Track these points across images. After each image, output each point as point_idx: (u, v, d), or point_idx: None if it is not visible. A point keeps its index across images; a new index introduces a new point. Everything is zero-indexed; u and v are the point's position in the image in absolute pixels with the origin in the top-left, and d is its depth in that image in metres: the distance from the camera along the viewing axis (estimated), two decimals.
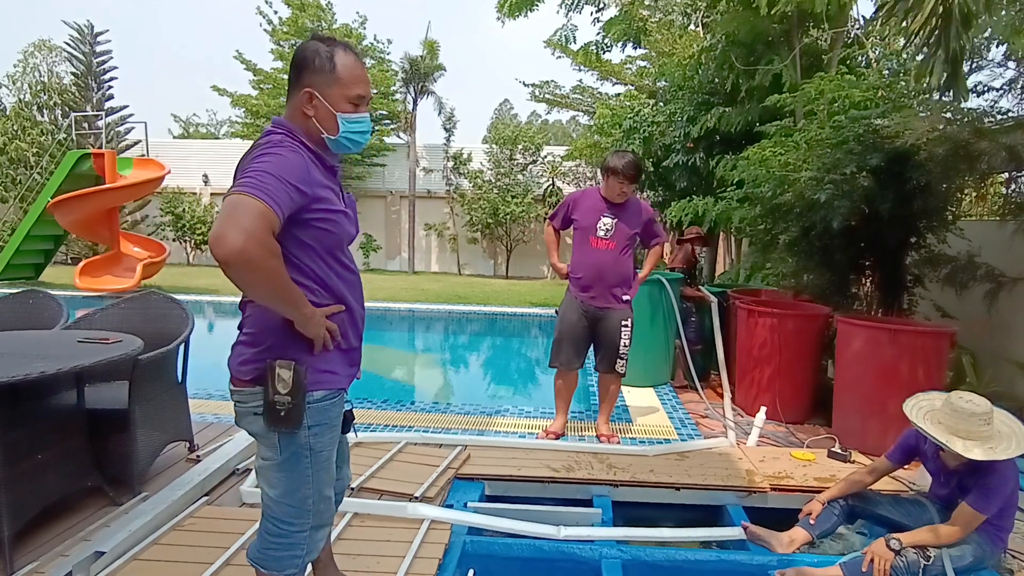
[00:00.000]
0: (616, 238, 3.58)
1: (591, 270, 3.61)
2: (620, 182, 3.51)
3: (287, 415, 1.55)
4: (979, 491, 2.41)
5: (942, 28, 2.88)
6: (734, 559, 2.64)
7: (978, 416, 2.39)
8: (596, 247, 3.59)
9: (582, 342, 3.75)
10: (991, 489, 2.39)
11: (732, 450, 3.72)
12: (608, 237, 3.58)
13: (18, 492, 2.31)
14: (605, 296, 3.63)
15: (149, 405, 2.93)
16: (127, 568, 2.28)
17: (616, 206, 3.60)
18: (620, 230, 3.58)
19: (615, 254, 3.59)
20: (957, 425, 2.40)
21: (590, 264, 3.62)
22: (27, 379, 2.15)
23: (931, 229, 4.38)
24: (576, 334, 3.71)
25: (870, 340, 3.98)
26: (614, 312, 3.65)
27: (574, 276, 3.71)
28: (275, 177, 1.46)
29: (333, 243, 1.66)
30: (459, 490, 3.12)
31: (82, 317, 3.41)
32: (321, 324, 1.59)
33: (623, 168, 3.49)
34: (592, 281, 3.62)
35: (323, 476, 1.73)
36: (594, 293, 3.63)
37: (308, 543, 1.76)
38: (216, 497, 2.93)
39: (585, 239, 3.63)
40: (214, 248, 1.36)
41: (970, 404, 2.42)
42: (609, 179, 3.55)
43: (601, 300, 3.63)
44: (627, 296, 3.69)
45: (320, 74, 1.61)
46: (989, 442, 2.38)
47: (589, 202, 3.67)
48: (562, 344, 3.74)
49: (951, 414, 2.43)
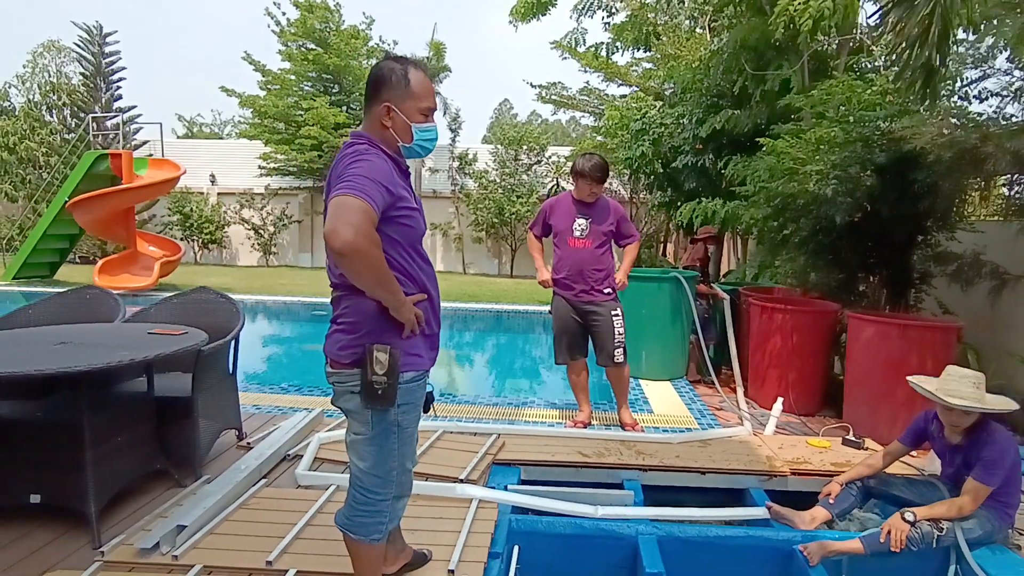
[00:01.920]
0: (591, 236, 3.84)
1: (572, 267, 3.85)
2: (588, 183, 3.78)
3: (383, 394, 1.75)
4: (981, 465, 2.64)
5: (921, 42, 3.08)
6: (761, 535, 2.83)
7: (968, 378, 2.72)
8: (574, 246, 3.84)
9: (578, 335, 3.97)
10: (992, 461, 2.62)
11: (751, 438, 3.92)
12: (584, 236, 3.83)
13: (102, 471, 2.50)
14: (588, 291, 3.84)
15: (208, 394, 3.12)
16: (205, 541, 2.47)
17: (588, 207, 3.86)
18: (593, 229, 3.84)
19: (592, 251, 3.83)
20: (947, 385, 2.74)
21: (570, 262, 3.85)
22: (118, 366, 2.34)
23: (939, 228, 4.58)
24: (570, 328, 3.93)
25: (880, 334, 4.18)
26: (601, 306, 3.85)
27: (556, 276, 3.93)
28: (370, 179, 1.67)
29: (414, 237, 1.87)
30: (498, 474, 3.31)
31: (138, 312, 3.60)
32: (411, 309, 1.80)
33: (590, 170, 3.76)
34: (574, 277, 3.85)
35: (407, 450, 1.93)
36: (578, 289, 3.85)
37: (391, 511, 1.96)
38: (273, 480, 3.12)
39: (563, 241, 3.88)
40: (330, 241, 1.56)
41: (962, 369, 2.79)
42: (579, 181, 3.82)
43: (585, 295, 3.85)
44: (610, 289, 3.89)
45: (397, 90, 1.82)
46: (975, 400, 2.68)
47: (563, 207, 3.93)
48: (561, 340, 3.98)
49: (944, 378, 2.79)
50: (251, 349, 8.32)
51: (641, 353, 5.53)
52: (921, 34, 3.21)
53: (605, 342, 3.87)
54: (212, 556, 2.37)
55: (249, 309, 10.73)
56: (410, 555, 2.30)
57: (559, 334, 3.97)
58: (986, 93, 4.18)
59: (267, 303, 11.03)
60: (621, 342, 3.87)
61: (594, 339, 3.94)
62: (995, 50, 3.94)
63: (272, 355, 8.49)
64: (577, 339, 3.97)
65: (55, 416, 2.60)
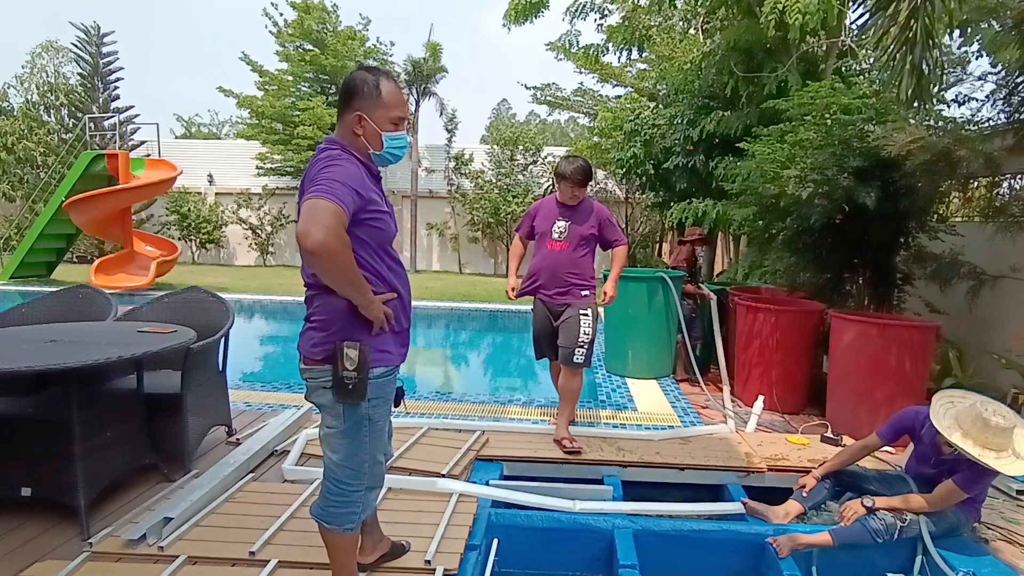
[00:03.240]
0: (569, 239, 3.76)
1: (546, 270, 3.79)
2: (570, 186, 3.73)
3: (354, 389, 1.82)
4: (969, 474, 2.64)
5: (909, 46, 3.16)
6: (734, 529, 2.91)
7: (1005, 430, 2.55)
8: (551, 248, 3.79)
9: (554, 336, 3.83)
10: (982, 474, 2.64)
11: (732, 435, 3.99)
12: (562, 239, 3.77)
13: (91, 465, 2.57)
14: (563, 293, 3.76)
15: (197, 391, 3.19)
16: (191, 532, 2.54)
17: (570, 209, 3.80)
18: (573, 231, 3.76)
19: (568, 253, 3.76)
20: (984, 436, 2.56)
21: (544, 265, 3.80)
22: (106, 363, 2.41)
23: (919, 229, 4.66)
24: (548, 330, 3.85)
25: (861, 334, 4.26)
26: (572, 306, 3.74)
27: (532, 281, 3.86)
28: (341, 183, 1.75)
29: (383, 239, 1.94)
30: (480, 470, 3.39)
31: (130, 311, 3.67)
32: (380, 308, 1.87)
33: (571, 173, 3.72)
34: (547, 280, 3.79)
35: (377, 443, 2.01)
36: (552, 291, 3.78)
37: (364, 501, 2.03)
38: (260, 474, 3.20)
39: (542, 243, 3.84)
40: (301, 241, 1.64)
41: (998, 418, 2.55)
42: (561, 184, 3.78)
43: (559, 297, 3.76)
44: (586, 292, 3.76)
45: (368, 100, 1.90)
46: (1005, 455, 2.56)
47: (546, 209, 3.89)
48: (539, 343, 3.96)
49: (981, 427, 2.56)
50: (247, 347, 8.40)
51: (627, 352, 5.62)
52: (906, 37, 3.28)
53: (567, 339, 3.70)
54: (197, 547, 2.44)
55: (246, 308, 10.82)
56: (388, 546, 2.37)
57: (537, 336, 3.95)
58: (964, 97, 4.25)
59: (264, 303, 11.11)
60: (585, 343, 3.69)
61: (558, 336, 3.78)
62: (970, 55, 4.01)
63: (267, 353, 8.56)
64: (554, 342, 3.85)
65: (45, 412, 2.66)
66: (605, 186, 17.13)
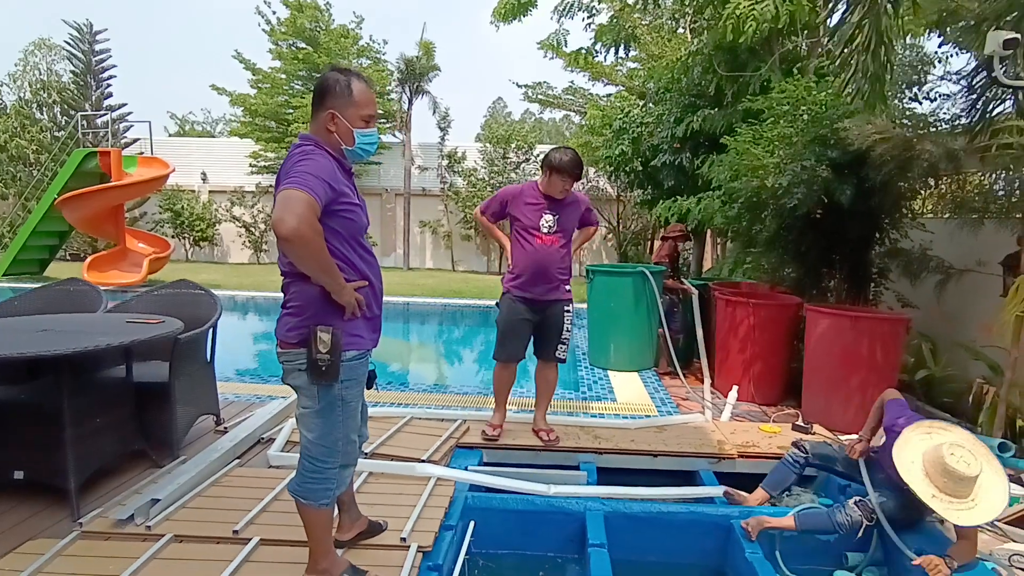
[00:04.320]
0: (559, 233, 3.58)
1: (536, 266, 3.56)
2: (564, 179, 3.49)
3: (327, 370, 1.94)
4: None
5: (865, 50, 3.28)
6: (701, 511, 3.03)
7: (963, 479, 2.40)
8: (542, 243, 3.56)
9: (526, 336, 3.70)
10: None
11: (706, 424, 4.12)
12: (552, 233, 3.56)
13: (81, 450, 2.67)
14: (551, 289, 3.60)
15: (185, 380, 3.30)
16: (178, 513, 2.66)
17: (557, 202, 3.57)
18: (562, 226, 3.58)
19: (558, 249, 3.58)
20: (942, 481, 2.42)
21: (535, 261, 3.56)
22: (95, 350, 2.52)
23: (891, 225, 4.80)
24: (523, 330, 3.65)
25: (834, 326, 4.40)
26: (558, 302, 3.64)
27: (514, 276, 3.63)
28: (313, 176, 1.87)
29: (355, 230, 2.06)
30: (460, 457, 3.51)
31: (119, 304, 3.77)
32: (352, 294, 1.99)
33: (568, 166, 3.47)
34: (537, 278, 3.57)
35: (351, 423, 2.13)
36: (541, 288, 3.58)
37: (338, 478, 2.15)
38: (246, 461, 3.31)
39: (529, 236, 3.57)
40: (276, 229, 1.76)
41: (962, 466, 2.40)
42: (552, 176, 3.50)
43: (548, 294, 3.60)
44: (568, 287, 3.68)
45: (340, 99, 2.02)
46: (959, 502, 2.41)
47: (529, 199, 3.60)
48: (508, 339, 3.67)
49: (941, 470, 2.42)
50: (239, 341, 8.51)
51: (609, 345, 5.74)
52: (862, 43, 3.41)
53: (552, 337, 3.65)
54: (183, 527, 2.55)
55: (239, 305, 10.91)
56: (365, 524, 2.49)
57: (507, 335, 3.67)
58: (935, 95, 4.38)
59: (257, 299, 11.20)
60: (567, 339, 3.68)
61: (542, 333, 3.67)
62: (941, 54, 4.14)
63: (257, 348, 8.66)
64: (525, 342, 3.71)
65: (38, 398, 2.77)
66: (597, 183, 17.25)
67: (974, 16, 3.42)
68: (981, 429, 3.92)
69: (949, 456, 2.41)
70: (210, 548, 2.43)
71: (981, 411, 3.96)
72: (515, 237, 3.67)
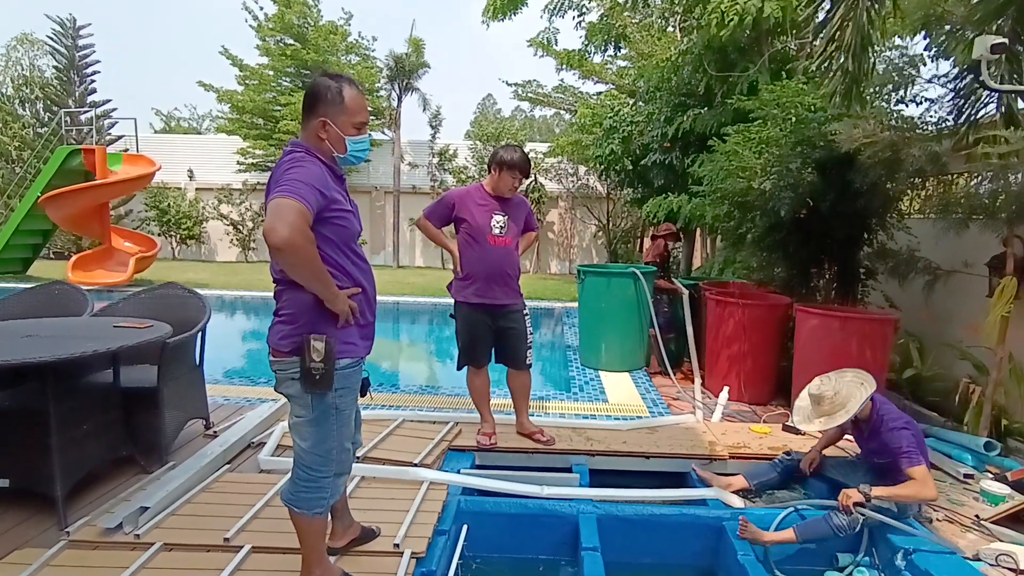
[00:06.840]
0: (510, 233, 3.51)
1: (491, 269, 3.47)
2: (515, 177, 3.44)
3: (321, 379, 1.92)
4: (898, 455, 2.81)
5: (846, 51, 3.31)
6: (693, 513, 3.05)
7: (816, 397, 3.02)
8: (494, 245, 3.46)
9: (490, 341, 3.63)
10: (898, 447, 2.81)
11: (697, 425, 4.14)
12: (503, 234, 3.48)
13: (68, 456, 2.64)
14: (506, 292, 3.53)
15: (174, 385, 3.26)
16: (167, 521, 2.62)
17: (505, 202, 3.51)
18: (511, 226, 3.52)
19: (511, 250, 3.52)
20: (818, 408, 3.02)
21: (489, 263, 3.47)
22: (81, 357, 2.48)
23: (880, 226, 4.83)
24: (486, 336, 3.59)
25: (823, 326, 4.43)
26: (514, 306, 3.57)
27: (469, 283, 3.52)
28: (305, 183, 1.84)
29: (347, 236, 2.04)
30: (452, 460, 3.50)
31: (106, 307, 3.72)
32: (345, 302, 1.97)
33: (519, 162, 3.41)
34: (492, 281, 3.48)
35: (344, 431, 2.11)
36: (497, 291, 3.50)
37: (332, 487, 2.13)
38: (237, 466, 3.28)
39: (480, 239, 3.46)
40: (268, 238, 1.73)
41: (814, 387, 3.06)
42: (503, 173, 3.43)
43: (503, 296, 3.52)
44: (519, 290, 3.63)
45: (332, 106, 1.99)
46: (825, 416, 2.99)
47: (476, 201, 3.51)
48: (473, 348, 3.62)
49: (814, 401, 3.05)
50: (227, 343, 8.42)
51: (601, 346, 5.75)
52: (842, 43, 3.43)
53: (519, 346, 3.58)
54: (173, 535, 2.52)
55: (227, 305, 10.80)
56: (358, 531, 2.47)
57: (472, 343, 3.60)
58: (921, 98, 4.41)
59: (245, 298, 11.10)
60: (531, 344, 3.63)
61: (506, 343, 3.61)
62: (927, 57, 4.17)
63: (247, 349, 8.59)
64: (489, 346, 3.64)
65: (23, 404, 2.72)
66: (587, 182, 17.26)
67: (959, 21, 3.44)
68: (967, 428, 3.97)
69: (811, 386, 3.06)
70: (201, 557, 2.40)
71: (967, 410, 4.00)
72: (464, 241, 3.53)
